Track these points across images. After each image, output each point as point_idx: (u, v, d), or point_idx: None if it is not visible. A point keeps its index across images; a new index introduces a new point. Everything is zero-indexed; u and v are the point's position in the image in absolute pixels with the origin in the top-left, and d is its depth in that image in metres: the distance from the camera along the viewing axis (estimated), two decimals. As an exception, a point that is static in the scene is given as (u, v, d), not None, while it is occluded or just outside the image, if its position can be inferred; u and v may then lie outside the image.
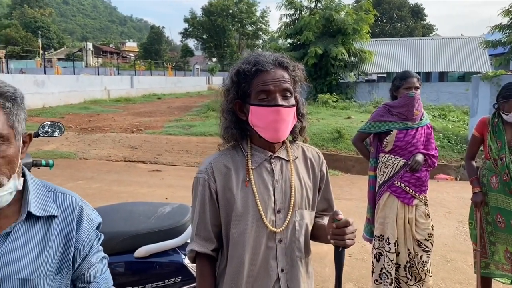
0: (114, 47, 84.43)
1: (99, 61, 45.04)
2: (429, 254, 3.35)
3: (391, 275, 3.31)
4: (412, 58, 27.34)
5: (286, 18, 25.95)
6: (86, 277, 1.27)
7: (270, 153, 1.55)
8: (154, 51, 72.70)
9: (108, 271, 1.34)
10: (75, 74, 27.97)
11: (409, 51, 28.31)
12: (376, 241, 3.40)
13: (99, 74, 31.54)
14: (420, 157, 3.29)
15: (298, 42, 24.32)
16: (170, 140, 12.56)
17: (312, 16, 23.48)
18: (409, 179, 3.29)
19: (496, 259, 3.28)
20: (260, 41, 70.32)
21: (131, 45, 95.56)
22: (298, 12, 25.60)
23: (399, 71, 3.73)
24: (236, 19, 66.18)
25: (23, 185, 1.18)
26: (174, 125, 15.25)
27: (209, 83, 49.39)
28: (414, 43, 29.57)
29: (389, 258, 3.32)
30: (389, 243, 3.32)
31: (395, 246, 3.32)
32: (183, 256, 2.58)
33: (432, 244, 3.37)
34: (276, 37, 29.97)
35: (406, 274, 3.35)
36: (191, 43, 73.05)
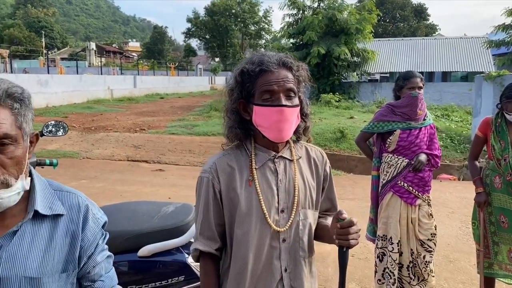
0: (117, 47, 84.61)
1: (102, 61, 45.07)
2: (432, 254, 3.35)
3: (394, 275, 3.31)
4: (415, 58, 27.28)
5: (289, 18, 25.96)
6: (92, 276, 1.27)
7: (274, 153, 1.55)
8: (157, 51, 72.88)
9: (113, 270, 1.35)
10: (78, 74, 28.05)
11: (412, 51, 28.25)
12: (379, 241, 3.40)
13: (102, 74, 31.59)
14: (423, 157, 3.28)
15: (301, 42, 24.29)
16: (173, 140, 12.57)
17: (315, 16, 23.46)
18: (412, 179, 3.29)
19: (500, 259, 3.27)
20: (263, 41, 70.41)
21: (134, 45, 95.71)
22: (301, 12, 25.60)
23: (402, 71, 3.73)
24: (239, 19, 66.27)
25: (30, 184, 1.18)
26: (177, 125, 15.27)
27: (212, 83, 49.43)
28: (417, 43, 29.51)
29: (392, 258, 3.31)
30: (392, 243, 3.32)
31: (398, 246, 3.32)
32: (187, 256, 2.58)
33: (435, 244, 3.36)
34: (279, 37, 29.95)
35: (409, 274, 3.34)
36: (194, 43, 73.36)
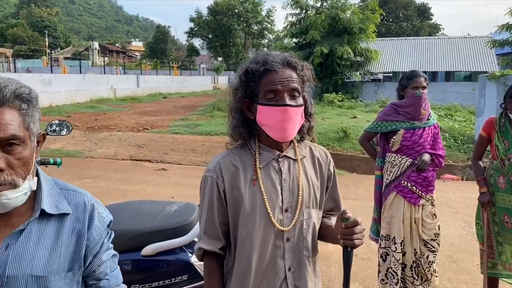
0: (120, 47, 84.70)
1: (105, 60, 45.22)
2: (436, 254, 3.34)
3: (397, 275, 3.31)
4: (418, 58, 27.22)
5: (292, 18, 25.94)
6: (97, 274, 1.28)
7: (278, 152, 1.55)
8: (160, 51, 72.96)
9: (118, 269, 1.35)
10: (82, 73, 28.10)
11: (415, 51, 28.19)
12: (383, 241, 3.40)
13: (105, 73, 31.69)
14: (427, 157, 3.28)
15: (304, 42, 24.27)
16: (176, 139, 12.59)
17: (318, 16, 23.44)
18: (416, 179, 3.28)
19: (504, 259, 3.27)
20: (266, 41, 70.38)
21: (137, 45, 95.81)
22: (304, 12, 25.57)
23: (405, 71, 3.73)
24: (242, 19, 66.25)
25: (37, 183, 1.18)
26: (180, 124, 15.27)
27: (215, 83, 49.47)
28: (420, 43, 29.45)
29: (395, 258, 3.31)
30: (396, 243, 3.31)
31: (401, 246, 3.31)
32: (190, 255, 2.59)
33: (439, 244, 3.35)
34: (282, 37, 29.94)
35: (412, 274, 3.34)
36: (197, 43, 73.37)
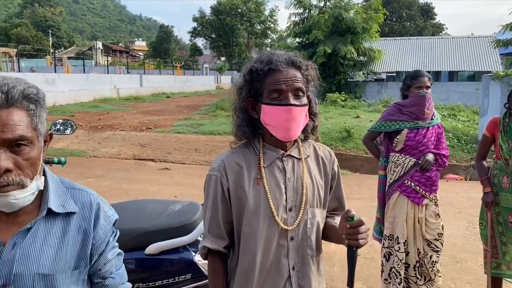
0: (124, 46, 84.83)
1: (109, 60, 45.16)
2: (439, 254, 3.34)
3: (401, 275, 3.31)
4: (422, 57, 27.16)
5: (295, 17, 25.97)
6: (102, 273, 1.28)
7: (282, 152, 1.55)
8: (163, 50, 73.02)
9: (123, 267, 1.36)
10: (85, 73, 28.14)
11: (419, 50, 28.13)
12: (386, 241, 3.40)
13: (109, 73, 31.69)
14: (431, 157, 3.27)
15: (307, 41, 24.28)
16: (179, 139, 12.60)
17: (321, 15, 23.44)
18: (420, 179, 3.28)
19: (508, 259, 3.26)
20: (269, 40, 70.35)
21: (140, 44, 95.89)
22: (307, 11, 25.58)
23: (409, 71, 3.73)
24: (245, 18, 66.27)
25: (43, 183, 1.19)
26: (183, 124, 15.29)
27: (218, 82, 49.48)
28: (424, 42, 29.39)
29: (399, 258, 3.31)
30: (399, 243, 3.31)
31: (405, 246, 3.31)
32: (193, 254, 2.59)
33: (442, 244, 3.35)
34: (285, 36, 29.94)
35: (416, 274, 3.34)
36: (200, 42, 73.48)
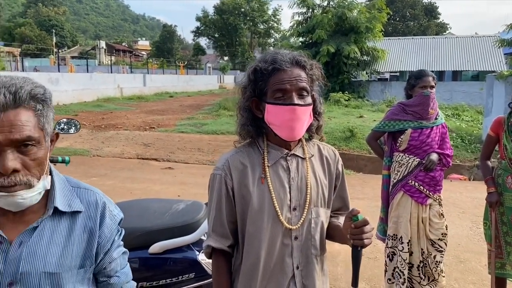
0: (127, 46, 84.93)
1: (112, 59, 45.35)
2: (443, 254, 3.33)
3: (404, 275, 3.30)
4: (425, 57, 27.11)
5: (299, 17, 25.94)
6: (108, 271, 1.29)
7: (286, 151, 1.55)
8: (167, 50, 73.11)
9: (128, 266, 1.37)
10: (88, 72, 28.21)
11: (422, 50, 28.09)
12: (389, 240, 3.39)
13: (112, 72, 31.81)
14: (435, 157, 3.26)
15: (310, 41, 24.24)
16: (182, 138, 12.62)
17: (325, 15, 23.42)
18: (423, 179, 3.27)
19: (512, 260, 3.24)
20: (272, 40, 70.36)
21: (144, 44, 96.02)
22: (311, 11, 25.54)
23: (412, 70, 3.72)
24: (248, 18, 66.26)
25: (50, 182, 1.19)
26: (186, 123, 15.32)
27: (221, 82, 49.49)
28: (427, 42, 29.34)
29: (402, 258, 3.30)
30: (402, 243, 3.31)
31: (408, 246, 3.31)
32: (197, 253, 2.60)
33: (446, 244, 3.34)
34: (288, 36, 29.91)
35: (419, 274, 3.33)
36: (203, 42, 73.64)
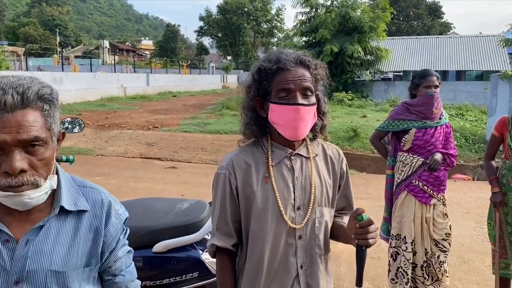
0: (130, 45, 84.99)
1: (116, 59, 45.35)
2: (447, 254, 3.32)
3: (408, 275, 3.29)
4: (429, 57, 27.04)
5: (302, 16, 25.93)
6: (113, 270, 1.29)
7: (290, 150, 1.55)
8: (170, 49, 73.09)
9: (133, 264, 1.37)
10: (92, 72, 28.26)
11: (426, 50, 28.01)
12: (393, 240, 3.38)
13: (116, 72, 31.81)
14: (439, 156, 3.26)
15: (314, 40, 24.24)
16: (186, 138, 12.64)
17: (328, 14, 23.40)
18: (427, 178, 3.26)
19: (516, 260, 3.23)
20: (275, 39, 70.30)
21: (147, 43, 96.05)
22: (314, 10, 25.52)
23: (416, 70, 3.71)
24: (251, 17, 66.23)
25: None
26: (190, 123, 15.34)
27: (224, 81, 49.50)
28: (431, 42, 29.25)
29: (406, 258, 3.30)
30: (406, 242, 3.30)
31: (412, 246, 3.30)
32: (201, 252, 2.61)
33: (450, 244, 3.33)
34: (291, 35, 29.90)
35: (423, 274, 3.32)
36: (206, 41, 73.63)
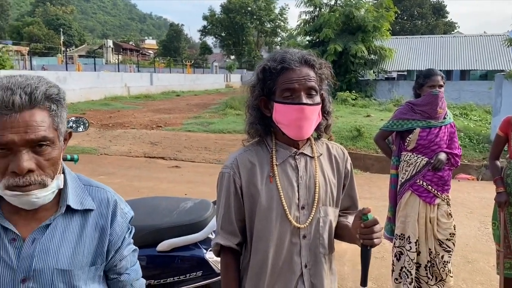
0: (134, 45, 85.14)
1: (119, 58, 45.44)
2: (451, 254, 3.32)
3: (411, 274, 3.29)
4: (433, 56, 26.98)
5: (305, 16, 25.93)
6: (118, 269, 1.30)
7: (295, 150, 1.55)
8: (173, 49, 73.20)
9: (138, 263, 1.38)
10: (96, 71, 28.30)
11: (430, 49, 27.94)
12: (397, 240, 3.38)
13: (119, 71, 31.89)
14: (443, 156, 3.25)
15: (317, 40, 24.21)
16: (189, 137, 12.66)
17: (332, 13, 23.38)
18: (432, 178, 3.25)
19: (521, 260, 3.22)
20: (279, 39, 70.26)
21: (151, 43, 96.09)
22: (318, 9, 25.51)
23: (420, 69, 3.70)
24: (255, 17, 66.17)
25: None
26: (193, 122, 15.36)
27: (227, 81, 49.49)
28: (435, 41, 29.18)
29: (410, 257, 3.29)
30: (410, 242, 3.30)
31: (416, 245, 3.29)
32: (205, 251, 2.61)
33: (454, 244, 3.33)
34: (295, 35, 29.87)
35: (427, 274, 3.32)
36: (210, 41, 73.66)
